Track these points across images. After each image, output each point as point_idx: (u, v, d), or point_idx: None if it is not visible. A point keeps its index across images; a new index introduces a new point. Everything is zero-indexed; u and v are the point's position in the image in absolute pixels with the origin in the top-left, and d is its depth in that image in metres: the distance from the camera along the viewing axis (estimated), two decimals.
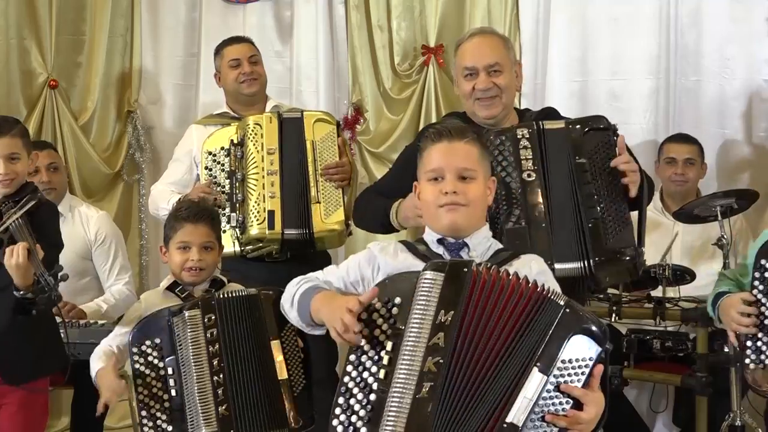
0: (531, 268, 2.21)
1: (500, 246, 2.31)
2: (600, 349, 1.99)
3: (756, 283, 2.65)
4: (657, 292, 3.61)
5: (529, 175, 2.68)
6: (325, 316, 2.13)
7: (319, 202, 3.41)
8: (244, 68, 3.77)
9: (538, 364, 1.97)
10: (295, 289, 2.27)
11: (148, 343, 2.67)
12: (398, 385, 1.98)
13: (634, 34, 4.41)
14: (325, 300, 2.17)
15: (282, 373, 2.71)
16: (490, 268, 2.05)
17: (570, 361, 1.98)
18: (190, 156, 3.77)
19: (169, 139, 4.70)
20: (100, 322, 3.65)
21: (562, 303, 2.00)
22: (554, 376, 1.97)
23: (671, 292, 3.61)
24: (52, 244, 2.80)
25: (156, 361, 2.66)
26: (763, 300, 2.64)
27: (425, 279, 2.03)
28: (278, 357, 2.71)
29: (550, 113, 3.02)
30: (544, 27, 4.47)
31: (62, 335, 2.97)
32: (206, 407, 2.61)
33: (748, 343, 2.65)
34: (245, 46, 3.86)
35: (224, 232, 3.37)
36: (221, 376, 2.63)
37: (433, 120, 4.60)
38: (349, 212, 3.47)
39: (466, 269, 2.03)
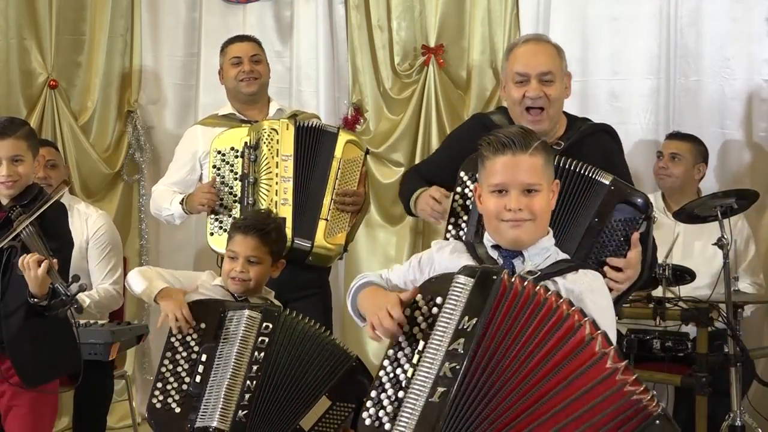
0: (581, 283, 2.15)
1: (562, 256, 2.25)
2: None
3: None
4: (657, 292, 3.61)
5: None
6: (366, 309, 2.19)
7: (326, 220, 3.40)
8: (245, 66, 3.75)
9: None
10: (355, 282, 2.33)
11: (192, 323, 2.70)
12: (416, 386, 1.99)
13: (634, 34, 4.41)
14: (370, 295, 2.22)
15: (307, 424, 2.70)
16: (525, 281, 2.01)
17: None
18: (194, 157, 3.72)
19: (169, 139, 4.70)
20: (100, 322, 3.65)
21: (627, 382, 1.86)
22: None
23: (671, 292, 3.60)
24: (63, 243, 2.80)
25: (192, 344, 2.68)
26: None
27: (457, 283, 2.03)
28: (318, 411, 2.70)
29: (607, 130, 2.87)
30: (544, 27, 4.46)
31: (75, 336, 2.96)
32: (227, 405, 2.62)
33: None
34: (249, 45, 3.84)
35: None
36: (254, 383, 2.63)
37: (433, 120, 4.62)
38: (350, 238, 3.52)
39: (495, 277, 2.00)
